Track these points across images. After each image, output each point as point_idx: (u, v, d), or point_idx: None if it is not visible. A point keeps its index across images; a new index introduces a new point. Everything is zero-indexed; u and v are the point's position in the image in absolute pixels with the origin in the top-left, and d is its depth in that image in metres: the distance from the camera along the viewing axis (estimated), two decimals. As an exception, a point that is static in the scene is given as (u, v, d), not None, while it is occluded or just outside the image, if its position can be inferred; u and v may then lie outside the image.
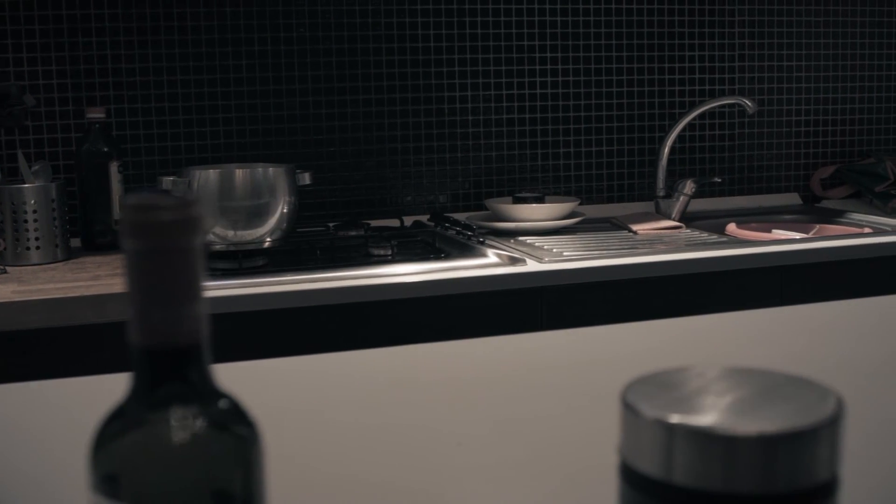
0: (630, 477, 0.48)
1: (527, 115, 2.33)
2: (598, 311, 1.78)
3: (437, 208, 2.29)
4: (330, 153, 2.22)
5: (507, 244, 1.95)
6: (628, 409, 0.48)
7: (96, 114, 1.93)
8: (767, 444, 0.45)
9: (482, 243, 1.86)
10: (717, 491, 0.46)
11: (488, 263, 1.75)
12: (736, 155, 2.50)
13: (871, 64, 2.59)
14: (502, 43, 2.29)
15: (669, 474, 0.47)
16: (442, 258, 1.76)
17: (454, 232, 1.96)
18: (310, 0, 2.16)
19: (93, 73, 2.05)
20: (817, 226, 2.23)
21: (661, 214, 2.29)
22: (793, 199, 2.54)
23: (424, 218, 2.22)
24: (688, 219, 2.34)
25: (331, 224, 2.07)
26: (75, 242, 1.98)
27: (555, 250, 1.90)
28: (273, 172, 1.73)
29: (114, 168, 1.93)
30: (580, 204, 2.39)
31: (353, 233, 1.94)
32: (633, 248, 1.91)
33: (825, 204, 2.51)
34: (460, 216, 2.23)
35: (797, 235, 2.15)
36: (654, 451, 0.47)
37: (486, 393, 0.90)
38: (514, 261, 1.77)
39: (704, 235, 2.08)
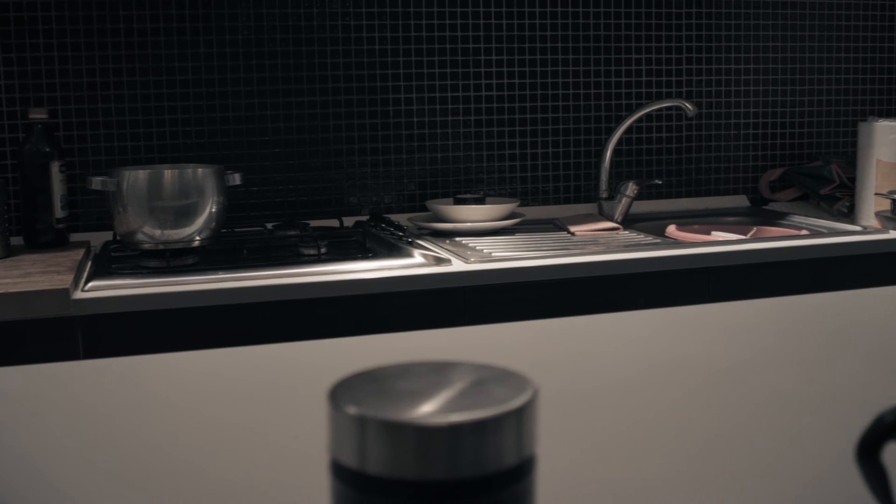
0: (334, 469, 0.51)
1: (472, 118, 2.36)
2: (520, 310, 1.81)
3: (383, 209, 2.33)
4: (275, 154, 2.25)
5: (441, 244, 1.99)
6: (331, 404, 0.51)
7: (39, 114, 1.97)
8: (452, 433, 0.49)
9: (411, 244, 1.89)
10: (409, 479, 0.49)
11: (413, 263, 1.78)
12: (684, 157, 2.53)
13: (821, 67, 2.61)
14: (447, 45, 2.32)
15: (364, 464, 0.50)
16: (369, 258, 1.79)
17: (388, 233, 2.00)
18: (255, 3, 2.20)
19: (39, 74, 2.09)
20: (755, 228, 2.26)
21: (602, 216, 2.32)
22: (741, 201, 2.57)
23: (367, 219, 2.26)
24: (632, 220, 2.37)
25: (270, 224, 2.10)
26: (19, 241, 2.03)
27: (485, 251, 1.93)
28: (201, 173, 1.76)
29: (55, 168, 1.97)
30: (527, 205, 2.42)
31: (289, 233, 1.97)
32: (564, 249, 1.94)
33: (772, 206, 2.54)
34: (403, 217, 2.27)
35: (734, 237, 2.18)
36: (351, 443, 0.50)
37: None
38: (439, 261, 1.80)
39: (640, 237, 2.11)
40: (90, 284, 1.66)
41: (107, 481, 0.71)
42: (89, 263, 1.87)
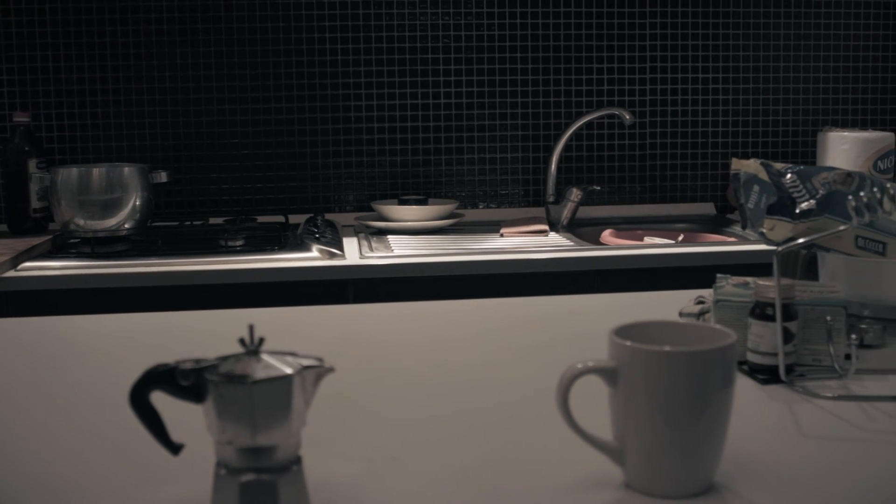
0: None
1: (430, 124, 2.50)
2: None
3: (345, 208, 2.50)
4: (244, 155, 2.47)
5: (368, 241, 2.15)
6: None
7: (21, 117, 2.25)
8: None
9: (317, 240, 2.05)
10: None
11: (308, 257, 1.95)
12: (648, 164, 2.57)
13: (796, 76, 2.59)
14: (407, 56, 2.47)
15: None
16: (275, 251, 1.97)
17: (305, 229, 2.17)
18: (226, 18, 2.41)
19: (25, 82, 2.38)
20: (682, 234, 2.30)
21: (548, 219, 2.41)
22: (707, 208, 2.59)
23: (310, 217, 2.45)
24: (582, 224, 2.45)
25: (222, 219, 2.31)
26: (3, 228, 2.32)
27: (395, 248, 2.07)
28: (127, 171, 1.99)
29: (32, 164, 2.24)
30: (488, 208, 2.53)
31: (225, 227, 2.17)
32: (470, 250, 2.05)
33: (736, 214, 2.54)
34: (350, 216, 2.44)
35: (663, 241, 2.23)
36: None
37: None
38: (332, 255, 1.96)
39: (562, 240, 2.19)
40: (23, 265, 1.92)
41: None
42: (47, 248, 2.13)
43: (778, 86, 2.59)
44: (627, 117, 2.32)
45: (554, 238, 2.22)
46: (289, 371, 0.68)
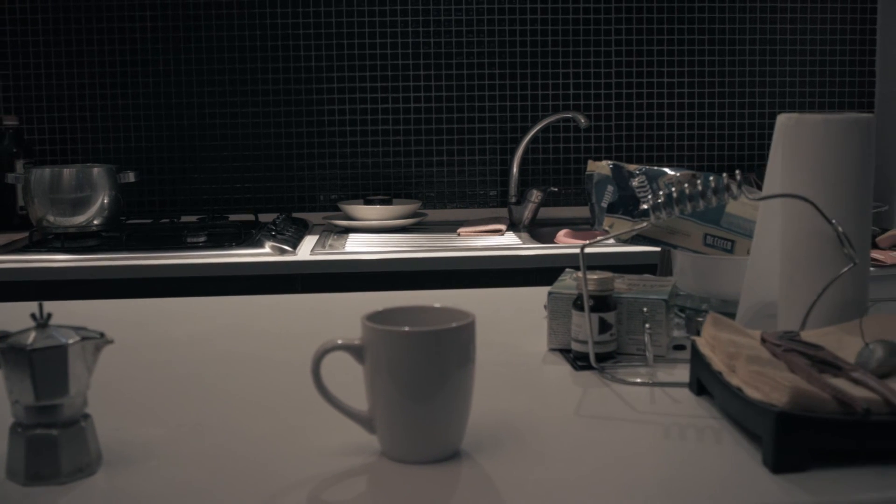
0: None
1: (401, 127, 2.61)
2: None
3: (318, 206, 2.62)
4: (223, 157, 2.60)
5: (328, 239, 2.26)
6: None
7: (10, 121, 2.41)
8: None
9: (273, 237, 2.17)
10: None
11: (259, 253, 2.07)
12: (613, 167, 2.65)
13: (761, 80, 2.65)
14: (378, 62, 2.58)
15: None
16: (233, 247, 2.10)
17: (263, 226, 2.29)
18: (206, 26, 2.55)
19: (24, 87, 2.54)
20: (631, 235, 2.37)
21: (503, 219, 2.51)
22: (671, 210, 2.65)
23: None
24: (546, 224, 2.54)
25: (196, 217, 2.45)
26: (-4, 223, 2.49)
27: (348, 245, 2.18)
28: (96, 171, 2.13)
29: (19, 165, 2.40)
30: (457, 208, 2.63)
31: (195, 224, 2.31)
32: (418, 247, 2.15)
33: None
34: (318, 215, 2.57)
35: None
36: None
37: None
38: (282, 252, 2.08)
39: (513, 240, 2.28)
40: (-1, 258, 2.07)
41: None
42: (25, 243, 2.29)
43: (743, 90, 2.65)
44: (583, 121, 2.41)
45: (507, 238, 2.32)
46: (67, 341, 0.79)
